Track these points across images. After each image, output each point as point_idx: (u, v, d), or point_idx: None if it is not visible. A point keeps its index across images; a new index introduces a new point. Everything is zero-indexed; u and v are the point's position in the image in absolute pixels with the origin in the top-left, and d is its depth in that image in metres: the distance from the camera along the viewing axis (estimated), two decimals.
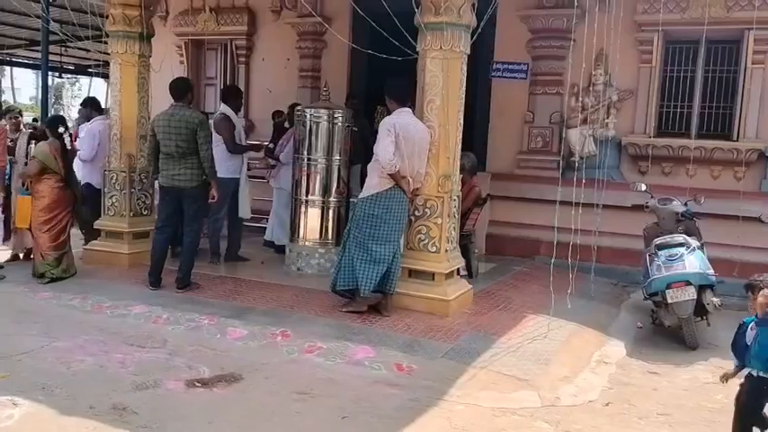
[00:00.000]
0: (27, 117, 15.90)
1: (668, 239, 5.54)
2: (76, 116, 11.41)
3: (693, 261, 5.29)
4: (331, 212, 6.73)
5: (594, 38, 7.72)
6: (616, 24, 7.46)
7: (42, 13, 11.68)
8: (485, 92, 8.52)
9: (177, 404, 3.78)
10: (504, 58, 8.30)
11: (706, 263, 5.44)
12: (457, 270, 5.72)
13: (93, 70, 21.73)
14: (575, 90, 7.98)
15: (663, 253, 5.43)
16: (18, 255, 6.91)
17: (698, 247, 5.48)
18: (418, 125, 5.26)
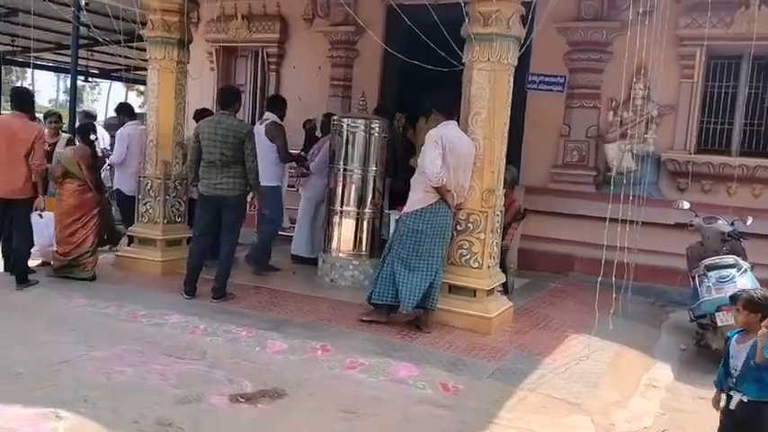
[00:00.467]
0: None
1: (718, 260, 5.39)
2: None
3: (745, 283, 5.13)
4: (366, 224, 6.65)
5: (635, 51, 7.69)
6: (657, 38, 7.36)
7: (73, 18, 11.76)
8: (519, 104, 8.32)
9: (222, 420, 3.68)
10: (540, 71, 8.19)
11: (757, 285, 5.27)
12: None
13: (116, 75, 21.89)
14: (613, 104, 7.85)
15: (713, 274, 5.28)
16: (49, 262, 6.87)
17: (749, 269, 5.33)
18: (464, 138, 5.16)
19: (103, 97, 53.76)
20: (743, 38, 6.92)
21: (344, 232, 6.66)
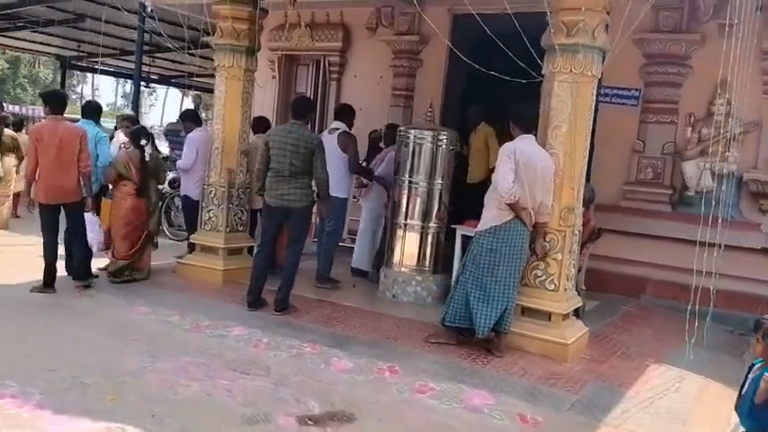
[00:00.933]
0: (109, 123, 16.31)
1: None
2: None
3: None
4: (430, 238, 6.43)
5: (716, 65, 7.29)
6: (740, 51, 6.96)
7: (138, 25, 11.93)
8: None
9: None
10: (613, 83, 7.85)
11: None
12: None
13: (175, 81, 22.26)
14: (691, 120, 7.46)
15: None
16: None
17: None
18: (542, 153, 4.90)
19: (160, 103, 55.28)
20: None
21: (408, 246, 6.45)
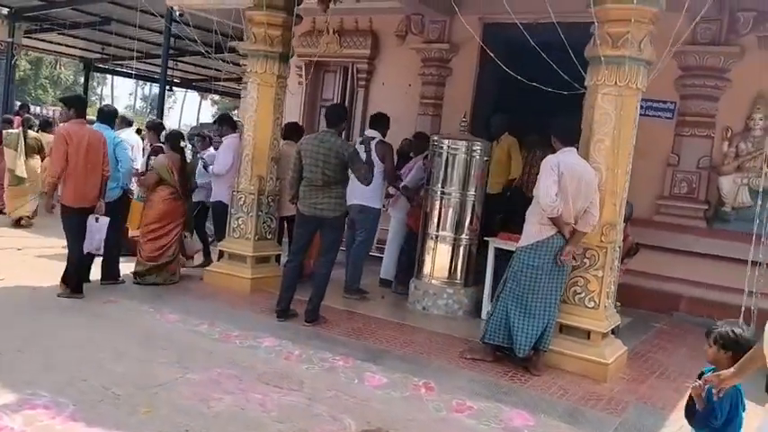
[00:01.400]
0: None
1: None
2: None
3: None
4: (462, 250, 6.33)
5: (755, 79, 7.14)
6: None
7: (165, 28, 11.94)
8: None
9: None
10: (648, 95, 7.65)
11: None
12: None
13: (196, 84, 22.27)
14: (728, 134, 7.31)
15: None
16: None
17: None
18: (586, 167, 4.77)
19: (178, 105, 55.58)
20: None
21: (439, 258, 6.35)
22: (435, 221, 6.33)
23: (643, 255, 7.48)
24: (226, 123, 7.41)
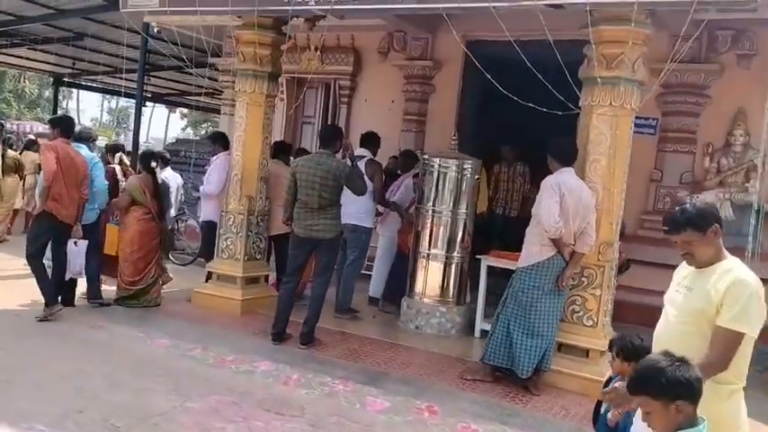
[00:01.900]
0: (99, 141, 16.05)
1: None
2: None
3: None
4: (454, 268, 6.31)
5: (734, 95, 7.30)
6: (758, 82, 6.98)
7: (141, 44, 11.76)
8: None
9: None
10: None
11: None
12: None
13: (168, 98, 22.01)
14: (709, 150, 7.44)
15: None
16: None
17: None
18: (584, 187, 4.81)
19: (146, 119, 54.87)
20: None
21: (431, 277, 6.33)
22: (427, 240, 6.31)
23: (629, 269, 7.61)
24: (219, 142, 7.29)
